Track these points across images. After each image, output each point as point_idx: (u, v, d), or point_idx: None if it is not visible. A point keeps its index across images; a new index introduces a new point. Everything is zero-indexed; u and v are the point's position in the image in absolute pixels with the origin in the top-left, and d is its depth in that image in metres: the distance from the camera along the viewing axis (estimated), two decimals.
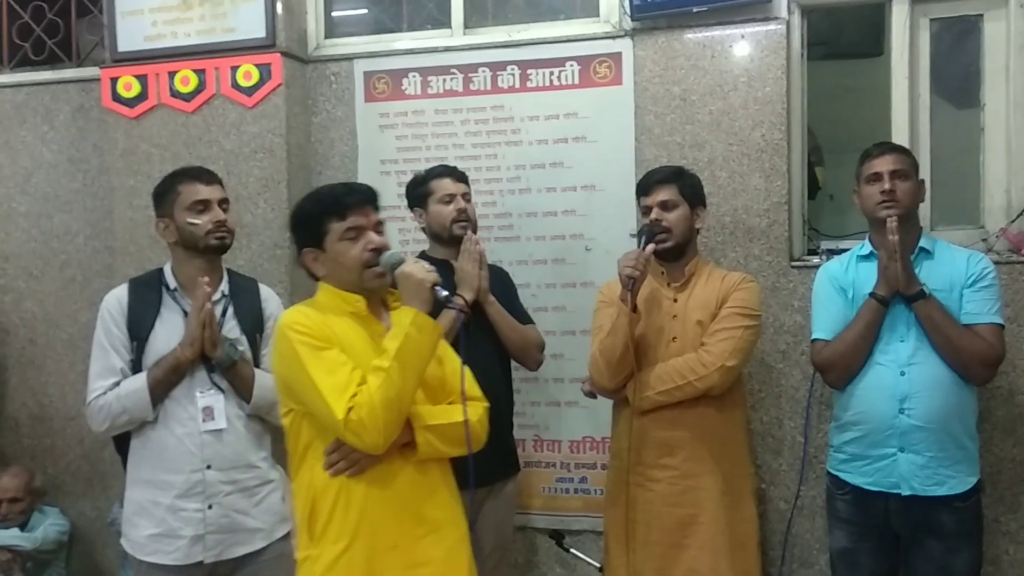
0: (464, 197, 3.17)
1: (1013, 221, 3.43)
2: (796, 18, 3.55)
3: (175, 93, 3.92)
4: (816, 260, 3.46)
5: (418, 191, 3.20)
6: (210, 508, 2.74)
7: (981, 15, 3.50)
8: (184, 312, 2.79)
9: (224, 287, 2.88)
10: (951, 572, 2.85)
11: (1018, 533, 3.36)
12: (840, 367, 2.91)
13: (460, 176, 3.22)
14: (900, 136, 3.48)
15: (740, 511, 2.95)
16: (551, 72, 3.75)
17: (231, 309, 2.86)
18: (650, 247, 2.86)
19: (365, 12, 4.18)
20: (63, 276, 4.37)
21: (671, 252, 2.95)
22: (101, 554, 4.39)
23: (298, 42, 3.98)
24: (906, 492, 2.81)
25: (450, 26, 3.95)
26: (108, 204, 4.12)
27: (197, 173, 2.89)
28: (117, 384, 2.75)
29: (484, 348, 3.02)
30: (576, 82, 3.72)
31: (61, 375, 4.37)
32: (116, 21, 3.98)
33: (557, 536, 3.59)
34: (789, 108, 3.52)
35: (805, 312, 3.37)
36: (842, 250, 3.24)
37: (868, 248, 2.98)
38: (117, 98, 3.98)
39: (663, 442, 2.90)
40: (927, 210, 3.40)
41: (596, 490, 3.70)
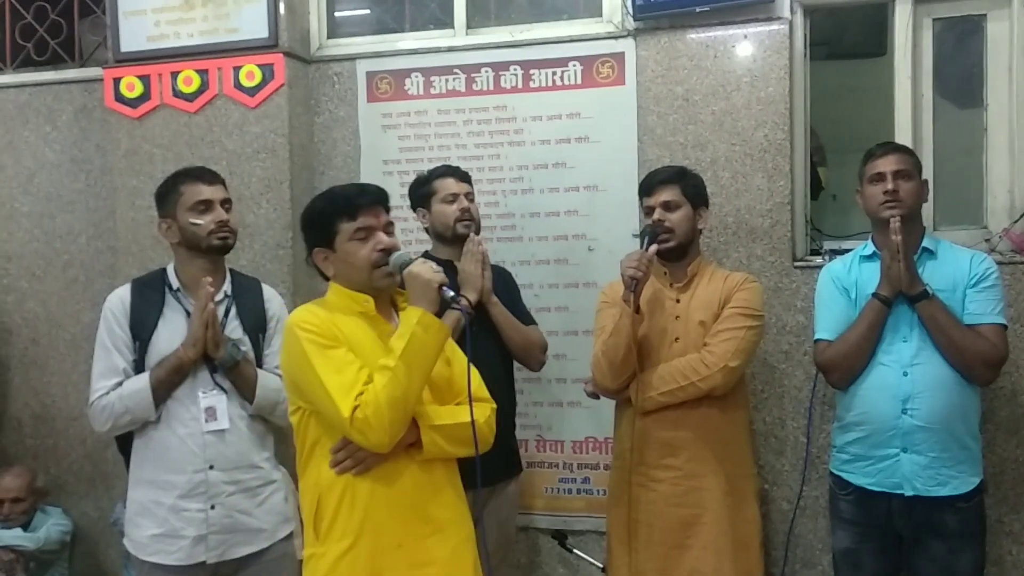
0: (467, 197, 3.17)
1: (1016, 221, 3.42)
2: (799, 18, 3.55)
3: (178, 93, 3.92)
4: (819, 260, 3.46)
5: (421, 191, 3.20)
6: (212, 508, 2.73)
7: (984, 15, 3.50)
8: (187, 312, 2.79)
9: (227, 287, 2.88)
10: (954, 573, 2.85)
11: (1021, 534, 3.36)
12: (843, 367, 2.91)
13: (463, 176, 3.22)
14: (903, 136, 3.47)
15: (743, 511, 2.95)
16: (554, 72, 3.74)
17: (234, 309, 2.86)
18: (653, 248, 2.86)
19: (368, 12, 4.18)
20: (66, 276, 4.37)
21: (673, 252, 2.95)
22: (104, 554, 4.39)
23: (301, 42, 3.98)
24: (909, 493, 2.81)
25: (453, 26, 3.94)
26: (111, 204, 4.12)
27: (199, 173, 2.89)
28: (120, 384, 2.75)
29: (487, 349, 3.01)
30: (579, 82, 3.72)
31: (64, 375, 4.37)
32: (119, 21, 3.98)
33: (560, 536, 3.59)
34: (792, 108, 3.51)
35: (808, 312, 3.37)
36: (845, 250, 3.24)
37: (871, 248, 2.98)
38: (120, 98, 3.98)
39: (666, 442, 2.90)
40: (930, 210, 3.40)
41: (599, 490, 3.69)
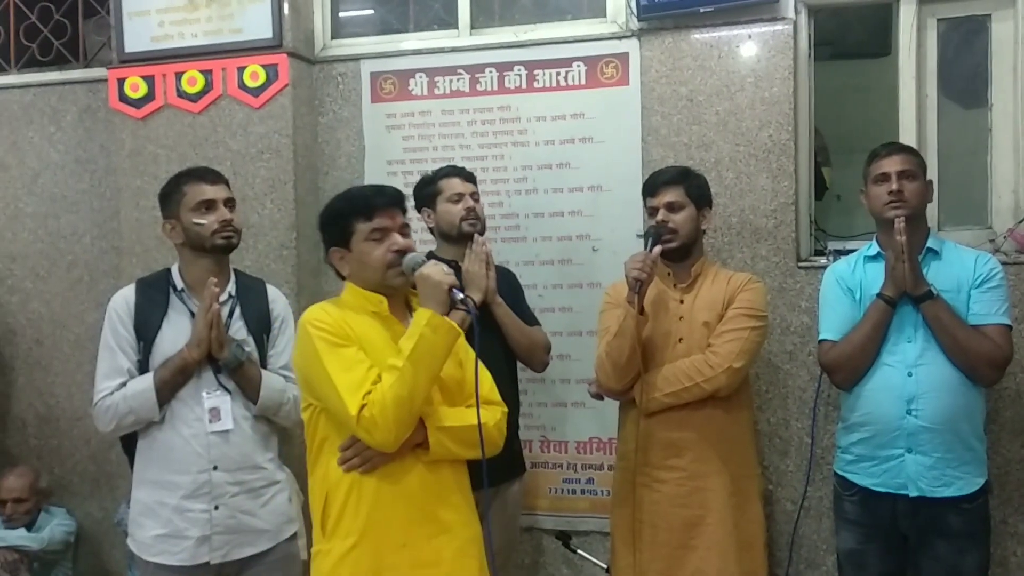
0: (473, 197, 3.18)
1: (1021, 222, 3.42)
2: (803, 18, 3.55)
3: (182, 94, 3.93)
4: (823, 261, 3.46)
5: (427, 191, 3.20)
6: (216, 509, 2.73)
7: (989, 15, 3.49)
8: (191, 313, 2.78)
9: (231, 288, 2.88)
10: (959, 573, 2.84)
11: None
12: (847, 368, 2.91)
13: (468, 176, 3.22)
14: (907, 136, 3.47)
15: (747, 512, 2.94)
16: (558, 72, 3.74)
17: (238, 310, 2.86)
18: (657, 249, 2.85)
19: (372, 13, 4.18)
20: (70, 277, 4.37)
21: (677, 253, 2.95)
22: (108, 554, 4.39)
23: (305, 43, 3.98)
24: (913, 493, 2.81)
25: (457, 27, 3.94)
26: (115, 205, 4.12)
27: (202, 173, 2.89)
28: (124, 384, 2.75)
29: (491, 349, 2.99)
30: (583, 82, 3.72)
31: (68, 375, 4.37)
32: (123, 22, 3.98)
33: (564, 537, 3.59)
34: (796, 108, 3.51)
35: (812, 313, 3.37)
36: (849, 251, 3.24)
37: (875, 248, 2.97)
38: (124, 99, 3.99)
39: (670, 443, 2.90)
40: (934, 210, 3.38)
41: (603, 491, 3.69)
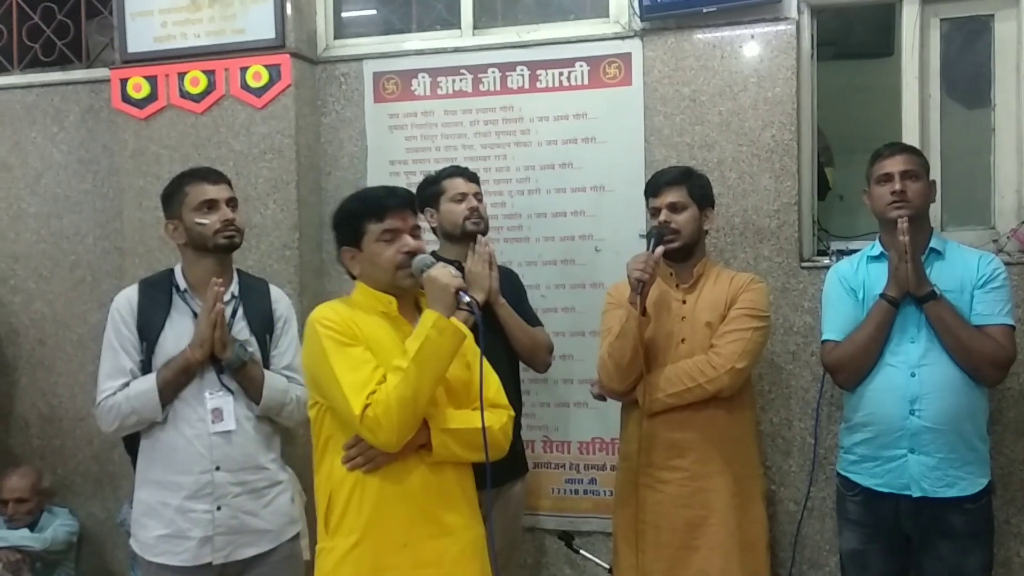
0: (476, 196, 3.18)
1: None
2: (806, 18, 3.55)
3: (184, 94, 3.93)
4: (826, 261, 3.46)
5: (430, 190, 3.20)
6: (219, 509, 2.73)
7: (992, 15, 3.49)
8: (194, 313, 2.79)
9: (234, 288, 2.88)
10: (962, 574, 2.84)
11: None
12: (850, 368, 2.91)
13: (472, 176, 3.23)
14: (910, 136, 3.47)
15: (750, 512, 2.94)
16: (560, 73, 3.74)
17: (241, 310, 2.86)
18: (659, 250, 2.85)
19: (374, 13, 4.18)
20: (73, 277, 4.37)
21: (679, 253, 2.95)
22: (110, 555, 4.39)
23: (307, 43, 3.98)
24: (916, 494, 2.81)
25: (459, 27, 3.94)
26: (118, 205, 4.12)
27: (204, 173, 2.89)
28: (126, 385, 2.75)
29: (493, 350, 2.98)
30: (585, 83, 3.72)
31: (70, 376, 4.37)
32: (126, 22, 3.99)
33: (566, 537, 3.58)
34: (799, 108, 3.51)
35: (815, 313, 3.36)
36: (852, 251, 3.23)
37: (878, 249, 2.97)
38: (127, 99, 3.99)
39: (673, 444, 2.90)
40: (937, 211, 3.38)
41: (605, 491, 3.69)
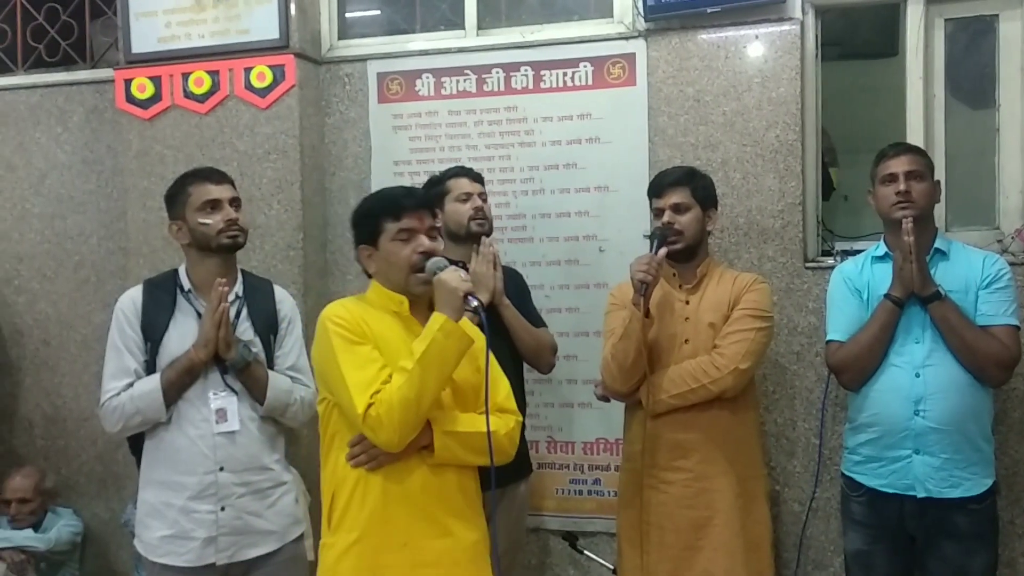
0: (481, 197, 3.18)
1: None
2: (810, 18, 3.54)
3: (189, 94, 3.93)
4: (830, 261, 3.45)
5: (435, 191, 3.20)
6: (223, 510, 2.73)
7: (996, 15, 3.49)
8: (198, 314, 2.79)
9: (238, 288, 2.88)
10: (966, 575, 2.84)
11: None
12: (855, 368, 2.90)
13: (476, 177, 3.23)
14: (915, 136, 3.46)
15: (754, 513, 2.94)
16: (564, 73, 3.74)
17: (245, 310, 2.86)
18: (662, 251, 2.85)
19: (378, 13, 4.18)
20: (77, 277, 4.38)
21: (682, 254, 2.94)
22: (114, 555, 4.40)
23: (311, 43, 3.98)
24: (921, 494, 2.80)
25: (463, 27, 3.94)
26: (122, 205, 4.13)
27: (207, 173, 2.89)
28: (131, 385, 2.75)
29: (497, 350, 2.95)
30: (589, 83, 3.72)
31: (75, 376, 4.38)
32: (130, 22, 3.99)
33: (570, 538, 3.58)
34: (803, 108, 3.50)
35: (819, 313, 3.36)
36: (857, 251, 3.24)
37: (883, 249, 2.97)
38: (131, 99, 3.99)
39: (677, 444, 2.89)
40: (942, 211, 3.38)
41: (609, 492, 3.68)
